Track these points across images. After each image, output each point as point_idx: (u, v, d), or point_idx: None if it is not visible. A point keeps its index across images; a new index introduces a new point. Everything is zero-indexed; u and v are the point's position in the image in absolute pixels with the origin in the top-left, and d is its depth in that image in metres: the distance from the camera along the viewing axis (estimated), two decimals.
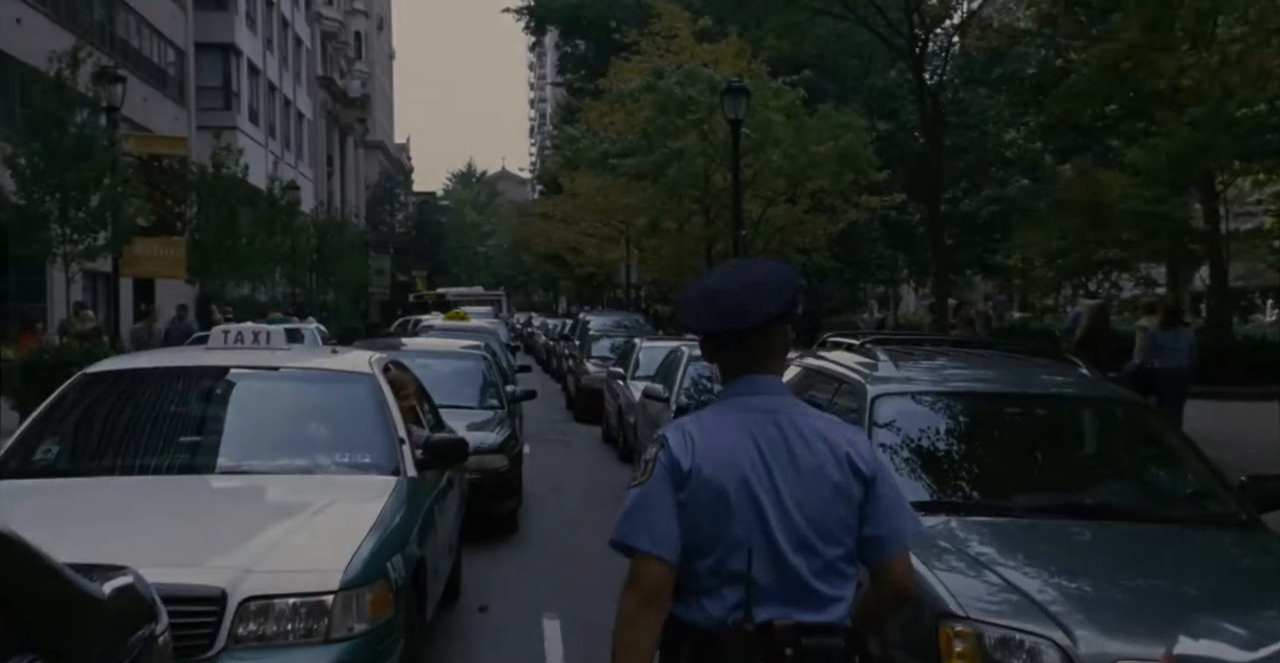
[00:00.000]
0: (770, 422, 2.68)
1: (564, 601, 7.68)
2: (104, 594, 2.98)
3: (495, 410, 10.58)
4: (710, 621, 2.60)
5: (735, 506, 2.60)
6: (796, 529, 2.61)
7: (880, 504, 2.67)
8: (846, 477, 2.65)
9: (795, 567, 2.61)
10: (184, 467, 5.55)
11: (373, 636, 4.47)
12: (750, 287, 2.68)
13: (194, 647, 4.18)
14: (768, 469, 2.63)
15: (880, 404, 5.50)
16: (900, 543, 2.70)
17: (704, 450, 2.64)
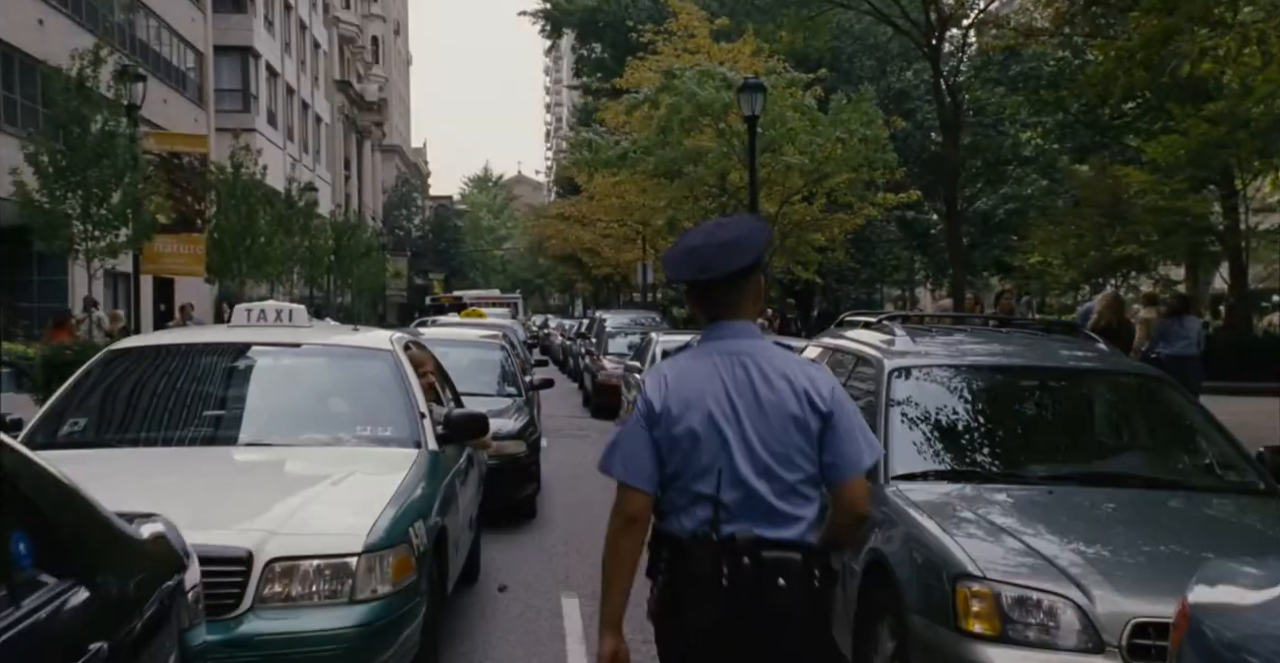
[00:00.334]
0: (738, 363, 3.07)
1: (582, 580, 7.72)
2: (138, 535, 3.04)
3: (513, 398, 10.64)
4: (684, 533, 3.01)
5: (703, 439, 3.00)
6: (759, 457, 2.99)
7: (837, 435, 3.03)
8: (804, 411, 3.01)
9: (758, 489, 2.98)
10: (207, 439, 5.62)
11: (396, 598, 4.52)
12: (728, 242, 3.06)
13: (222, 606, 4.24)
14: (733, 405, 3.02)
15: (898, 378, 5.53)
16: (854, 469, 3.05)
17: (675, 392, 3.05)
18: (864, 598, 4.88)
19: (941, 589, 4.20)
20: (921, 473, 5.09)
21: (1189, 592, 3.12)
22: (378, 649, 4.43)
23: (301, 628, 4.28)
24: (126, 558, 2.88)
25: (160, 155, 21.73)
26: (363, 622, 4.36)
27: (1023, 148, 31.35)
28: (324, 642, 4.28)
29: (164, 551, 3.20)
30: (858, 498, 3.09)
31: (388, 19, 79.61)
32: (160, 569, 3.09)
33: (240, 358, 6.14)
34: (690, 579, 2.98)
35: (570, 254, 47.43)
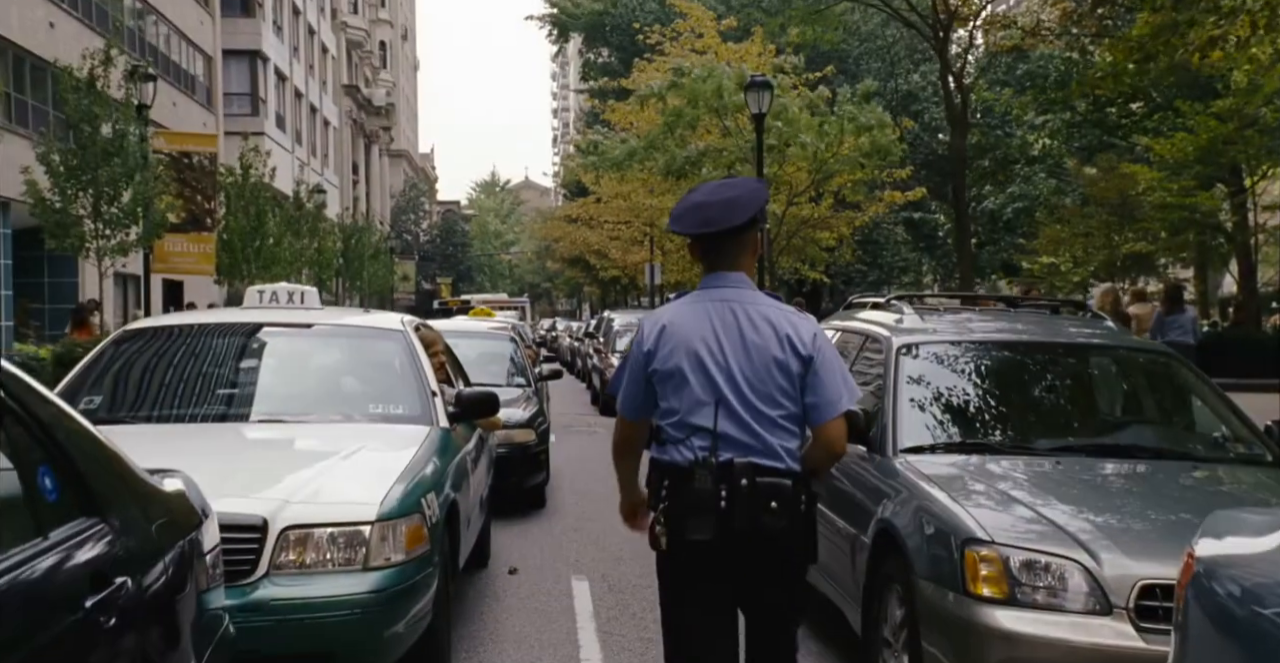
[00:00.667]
0: (728, 309, 3.39)
1: (592, 564, 7.76)
2: (159, 486, 3.09)
3: (523, 388, 10.68)
4: (685, 461, 3.30)
5: (689, 377, 3.33)
6: (745, 395, 3.32)
7: (819, 378, 3.35)
8: (786, 354, 3.33)
9: (749, 423, 3.31)
10: (221, 416, 5.67)
11: (409, 567, 4.56)
12: (729, 200, 3.39)
13: (237, 572, 4.28)
14: (721, 347, 3.35)
15: (905, 354, 5.57)
16: (833, 410, 3.37)
17: (669, 335, 3.38)
18: (872, 569, 4.91)
19: (950, 555, 4.24)
20: (929, 446, 5.13)
21: (1194, 544, 3.14)
22: (390, 617, 4.47)
23: (315, 594, 4.32)
24: (148, 504, 2.93)
25: (170, 155, 21.83)
26: (376, 589, 4.41)
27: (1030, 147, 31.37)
28: (337, 607, 4.32)
29: (184, 505, 3.25)
30: (836, 437, 3.41)
31: (395, 24, 79.85)
32: (180, 520, 3.14)
33: (252, 337, 6.19)
34: (692, 500, 3.26)
35: (578, 257, 47.47)
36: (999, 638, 4.00)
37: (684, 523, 3.26)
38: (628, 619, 6.36)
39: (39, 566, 2.26)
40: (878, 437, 5.24)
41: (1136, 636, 3.88)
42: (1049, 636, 3.95)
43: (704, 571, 3.33)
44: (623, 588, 7.06)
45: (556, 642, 5.94)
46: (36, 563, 2.25)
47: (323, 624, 4.30)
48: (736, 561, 3.30)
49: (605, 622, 6.33)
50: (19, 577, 2.17)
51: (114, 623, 2.45)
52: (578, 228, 41.67)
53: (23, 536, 2.30)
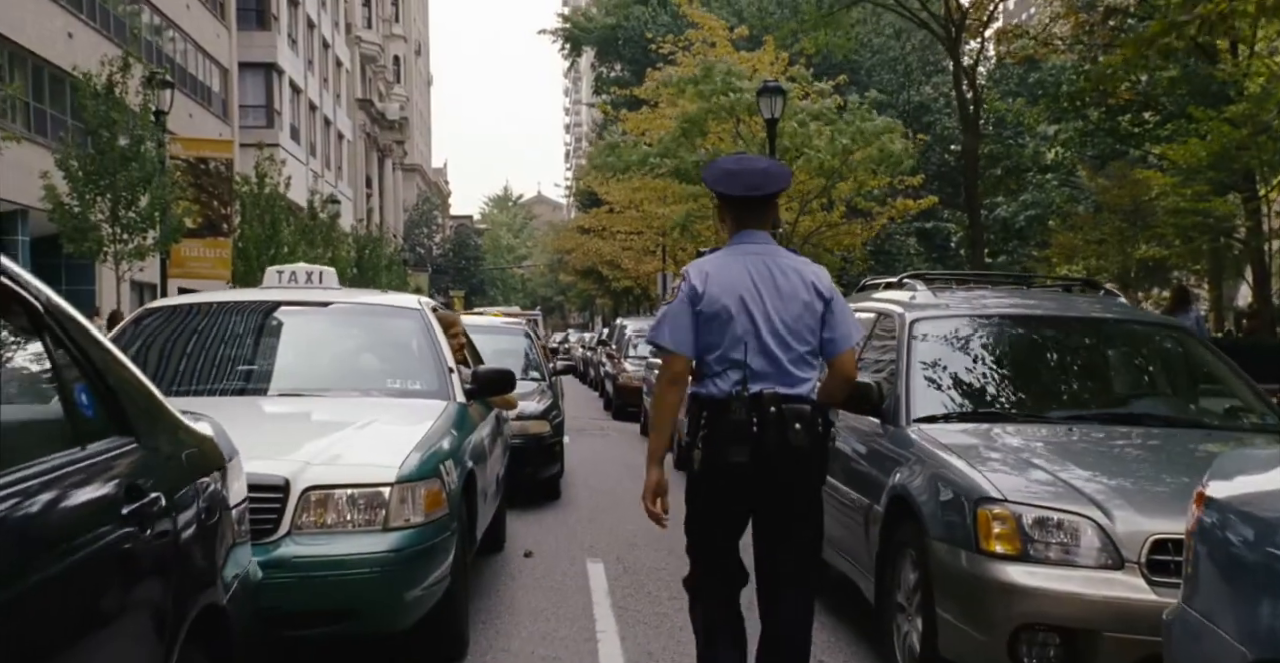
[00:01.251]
0: (760, 261, 3.91)
1: (606, 548, 7.81)
2: (187, 420, 3.15)
3: (538, 382, 10.75)
4: (721, 392, 3.81)
5: (735, 316, 3.82)
6: (777, 332, 3.84)
7: (835, 317, 3.93)
8: (811, 297, 3.90)
9: (778, 356, 3.83)
10: (240, 390, 5.74)
11: (428, 528, 4.62)
12: (763, 170, 4.01)
13: (261, 530, 4.34)
14: (758, 292, 3.85)
15: (919, 328, 5.62)
16: (847, 342, 3.95)
17: (714, 280, 3.86)
18: (886, 537, 4.96)
19: (964, 515, 4.28)
20: (943, 415, 5.17)
21: (1204, 483, 3.18)
22: (410, 577, 4.53)
23: (336, 552, 4.39)
24: (177, 434, 2.99)
25: (186, 161, 22.01)
26: (395, 548, 4.46)
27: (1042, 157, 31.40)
28: (357, 565, 4.38)
29: (212, 445, 3.31)
30: (849, 364, 4.01)
31: (409, 39, 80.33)
32: (209, 455, 3.20)
33: (272, 315, 6.27)
34: (729, 426, 3.77)
35: (591, 268, 47.62)
36: (1011, 593, 4.04)
37: (724, 449, 3.77)
38: (643, 597, 6.40)
39: (79, 471, 2.33)
40: (891, 408, 5.29)
41: (1149, 589, 3.92)
42: (1061, 589, 3.99)
43: (735, 490, 3.86)
44: (637, 570, 7.10)
45: (573, 616, 5.98)
46: (77, 468, 2.33)
47: (343, 581, 4.36)
48: (765, 477, 3.81)
49: (621, 599, 6.37)
50: (63, 478, 2.25)
51: (149, 534, 2.51)
52: (590, 239, 41.81)
53: (63, 445, 2.38)
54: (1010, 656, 4.05)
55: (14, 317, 2.37)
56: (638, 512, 5.85)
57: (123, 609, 2.37)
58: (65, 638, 2.13)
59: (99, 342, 2.69)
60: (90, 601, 2.25)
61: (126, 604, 2.40)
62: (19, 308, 2.38)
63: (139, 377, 2.86)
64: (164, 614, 2.55)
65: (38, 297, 2.45)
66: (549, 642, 5.50)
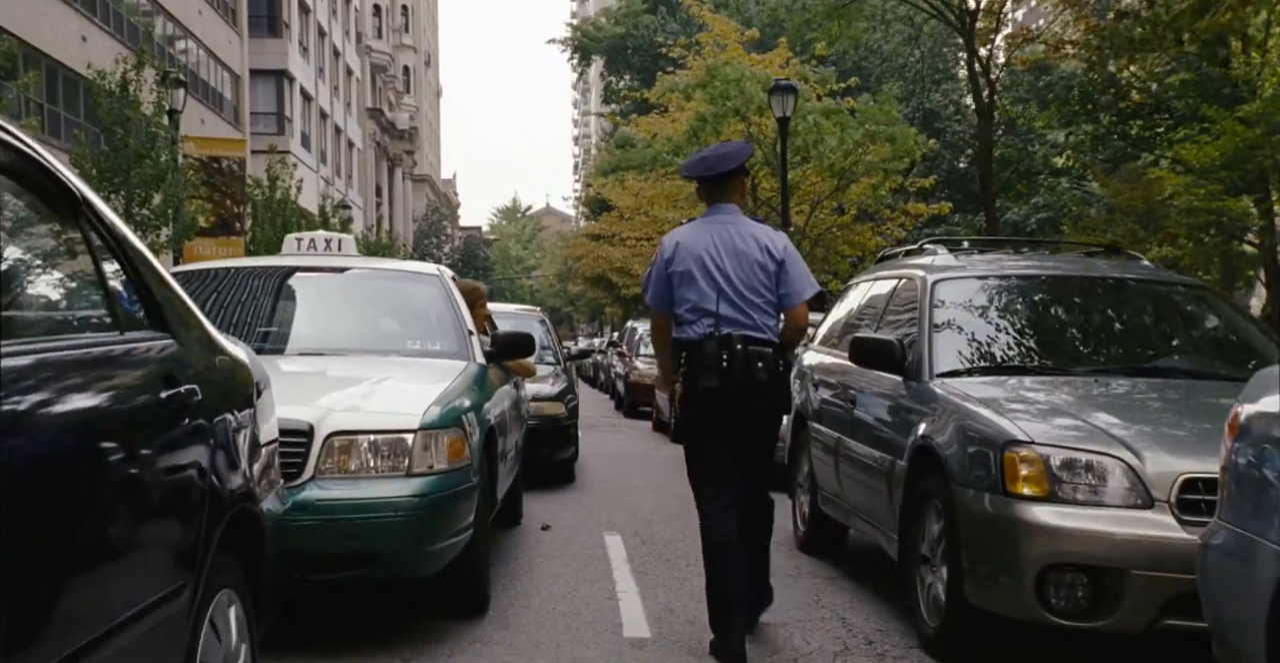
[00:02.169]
0: (724, 228, 4.70)
1: (623, 523, 7.79)
2: (222, 340, 3.14)
3: (552, 366, 10.75)
4: (696, 336, 4.62)
5: (699, 276, 4.62)
6: (737, 287, 4.60)
7: (788, 275, 4.67)
8: (765, 258, 4.64)
9: (740, 307, 4.59)
10: (259, 350, 5.72)
11: (451, 476, 4.61)
12: (723, 154, 4.85)
13: (285, 475, 4.33)
14: (719, 252, 4.63)
15: (940, 288, 5.60)
16: (799, 298, 4.69)
17: (682, 246, 4.69)
18: (909, 491, 4.93)
19: (990, 460, 4.26)
20: (966, 370, 5.15)
21: (1239, 404, 3.16)
22: (432, 523, 4.52)
23: (359, 495, 4.38)
24: (210, 342, 2.98)
25: (199, 159, 22.07)
26: (418, 493, 4.45)
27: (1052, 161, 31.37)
28: (381, 509, 4.38)
29: (245, 370, 3.29)
30: (801, 316, 4.75)
31: (419, 50, 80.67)
32: (240, 371, 3.19)
33: (291, 280, 6.27)
34: (702, 363, 4.56)
35: (600, 275, 47.54)
36: (1039, 533, 4.02)
37: (698, 377, 4.57)
38: (662, 565, 6.38)
39: (121, 353, 2.33)
40: (914, 364, 5.27)
41: (1179, 527, 3.90)
42: (1090, 528, 3.97)
43: (711, 410, 4.63)
44: (655, 542, 7.08)
45: (593, 579, 5.97)
46: (119, 349, 2.33)
47: (366, 525, 4.36)
48: (733, 403, 4.58)
49: (640, 565, 6.35)
50: (106, 356, 2.25)
51: (186, 424, 2.50)
52: (600, 245, 41.80)
53: (103, 330, 2.38)
54: (1038, 597, 4.03)
55: (56, 201, 2.36)
56: (653, 495, 5.89)
57: (161, 489, 2.35)
58: (107, 505, 2.12)
59: (133, 241, 2.69)
60: (131, 473, 2.23)
61: (165, 484, 2.38)
62: (60, 194, 2.38)
63: (176, 288, 2.86)
64: (199, 507, 2.53)
65: (76, 187, 2.45)
66: (570, 600, 5.48)
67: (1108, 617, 3.95)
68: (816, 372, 6.98)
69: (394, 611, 5.19)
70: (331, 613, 5.16)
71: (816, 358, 7.23)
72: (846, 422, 6.06)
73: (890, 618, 5.22)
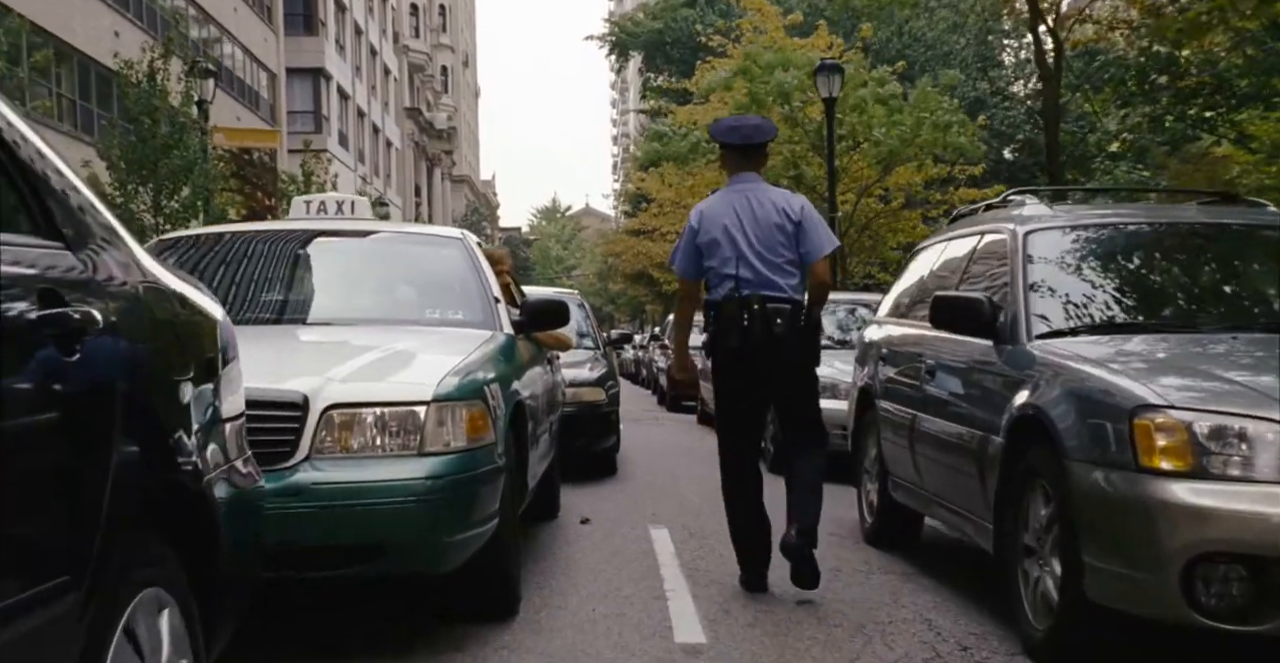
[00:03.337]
0: (743, 196, 4.94)
1: (670, 515, 7.11)
2: (174, 280, 2.48)
3: (591, 350, 10.07)
4: (720, 297, 4.87)
5: (722, 242, 4.86)
6: (756, 249, 4.83)
7: (806, 234, 4.88)
8: (781, 220, 4.87)
9: (759, 269, 4.82)
10: (264, 320, 5.09)
11: (471, 456, 3.95)
12: (755, 125, 5.18)
13: (276, 455, 3.70)
14: (739, 219, 4.87)
15: (1034, 241, 4.87)
16: (819, 253, 4.91)
17: (707, 216, 4.95)
18: (1007, 471, 4.21)
19: (1115, 429, 3.53)
20: (1070, 329, 4.42)
21: None
22: (448, 510, 3.85)
23: (362, 478, 3.72)
24: (139, 268, 2.31)
25: (230, 151, 21.63)
26: (432, 474, 3.79)
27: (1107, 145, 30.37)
28: (388, 493, 3.71)
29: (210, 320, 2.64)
30: (822, 270, 5.00)
31: (456, 50, 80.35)
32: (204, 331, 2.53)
33: (301, 244, 5.61)
34: (725, 322, 4.84)
35: (641, 272, 46.97)
36: (1185, 517, 3.28)
37: (722, 336, 4.85)
38: (714, 560, 5.68)
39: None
40: (1007, 326, 4.55)
41: None
42: (1249, 510, 3.24)
43: (734, 364, 4.92)
44: (705, 535, 6.38)
45: (637, 576, 5.28)
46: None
47: (370, 511, 3.69)
48: (755, 359, 4.84)
49: (690, 561, 5.66)
50: None
51: (75, 360, 1.84)
52: (640, 241, 41.20)
53: None
54: (1184, 594, 3.29)
55: None
56: (700, 487, 5.56)
57: (19, 442, 1.68)
58: None
59: (21, 129, 2.03)
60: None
61: (26, 437, 1.71)
62: None
63: (82, 187, 2.20)
64: (95, 478, 1.86)
65: None
66: (612, 599, 4.79)
67: (1275, 619, 3.21)
68: (884, 345, 6.26)
69: (407, 612, 4.53)
70: (332, 614, 4.51)
71: (882, 331, 6.51)
72: (923, 397, 5.34)
73: (985, 620, 4.50)
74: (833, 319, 11.62)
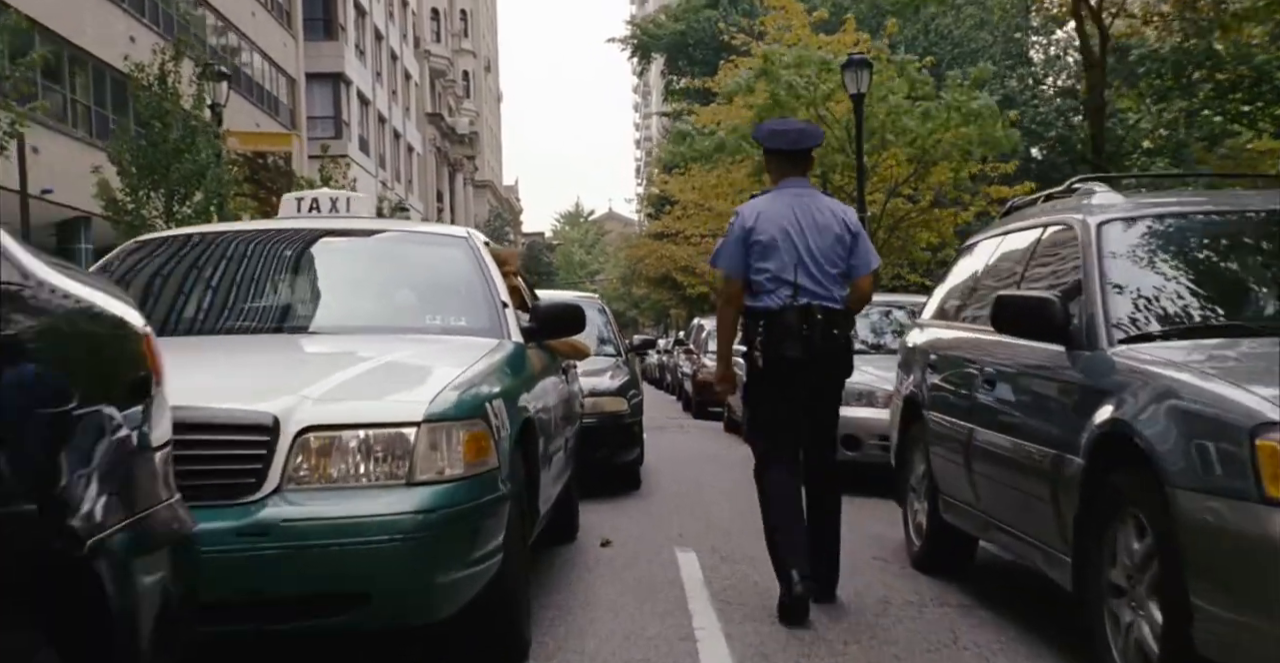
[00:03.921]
0: (801, 201, 4.81)
1: (698, 537, 6.55)
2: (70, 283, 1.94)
3: (612, 358, 9.53)
4: (775, 305, 4.68)
5: (781, 246, 4.70)
6: (815, 257, 4.71)
7: (859, 248, 4.82)
8: (842, 231, 4.79)
9: (817, 277, 4.70)
10: (242, 330, 4.58)
11: (469, 485, 3.41)
12: (802, 129, 5.06)
13: (240, 486, 3.18)
14: (800, 225, 4.74)
15: (1108, 233, 4.30)
16: (867, 268, 4.85)
17: (764, 216, 4.75)
18: (1089, 496, 3.64)
19: (1231, 451, 2.96)
20: (1160, 332, 3.85)
21: None
22: (443, 549, 3.32)
23: (341, 513, 3.19)
24: None
25: (244, 155, 21.22)
26: (423, 508, 3.26)
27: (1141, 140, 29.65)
28: (372, 531, 3.18)
29: (127, 330, 2.12)
30: (867, 285, 4.88)
31: (478, 55, 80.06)
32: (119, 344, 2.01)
33: (285, 245, 5.08)
34: (783, 331, 4.65)
35: (665, 275, 46.41)
36: None
37: (781, 345, 4.65)
38: (748, 589, 5.13)
39: None
40: (1081, 329, 3.98)
41: None
42: None
43: (790, 378, 4.71)
44: (738, 559, 5.83)
45: (663, 611, 4.72)
46: None
47: (351, 554, 3.16)
48: (812, 371, 4.70)
49: (721, 591, 5.10)
50: None
51: None
52: (663, 244, 40.66)
53: None
54: None
55: None
56: (731, 501, 5.12)
57: None
58: None
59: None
60: None
61: None
62: None
63: None
64: None
65: None
66: (634, 642, 4.24)
67: None
68: (931, 350, 5.70)
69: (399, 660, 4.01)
70: None
71: (930, 334, 5.95)
72: (981, 408, 4.77)
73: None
74: (866, 322, 11.08)
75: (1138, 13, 24.86)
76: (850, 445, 8.63)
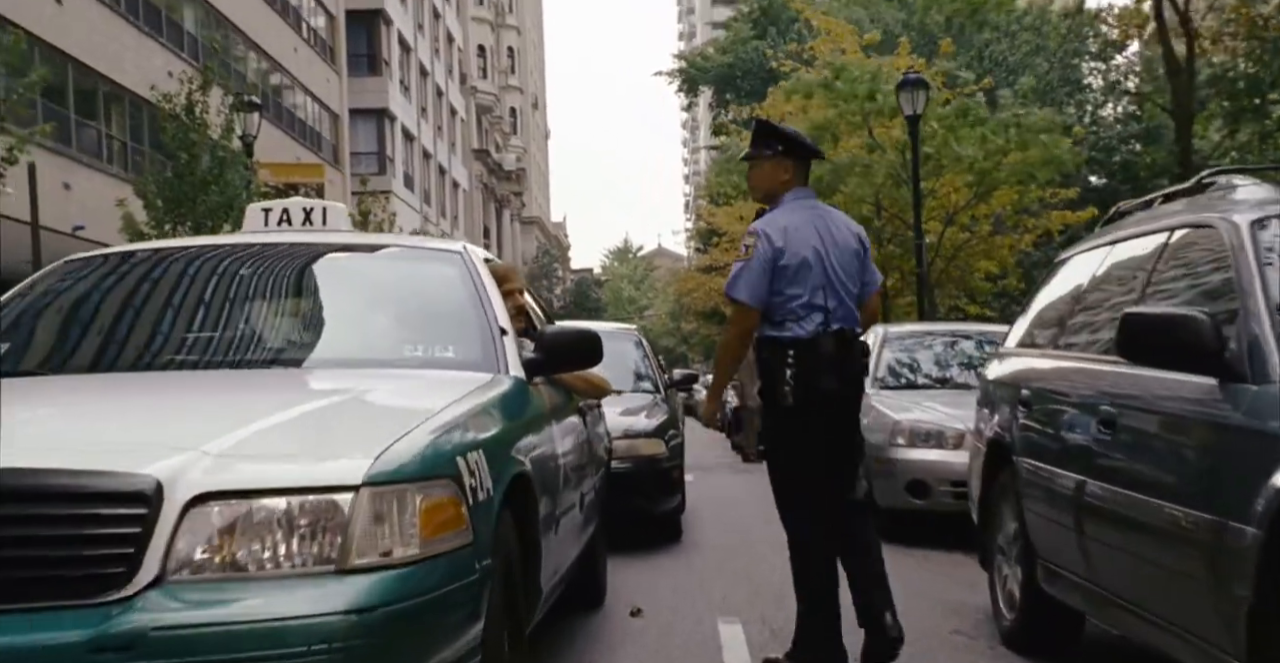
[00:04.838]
0: (818, 215, 4.53)
1: (745, 605, 5.61)
2: None
3: (650, 395, 8.62)
4: (807, 333, 4.31)
5: (813, 266, 4.37)
6: (842, 279, 4.44)
7: (868, 265, 4.61)
8: (858, 248, 4.57)
9: (845, 299, 4.44)
10: (178, 364, 3.73)
11: (429, 568, 2.52)
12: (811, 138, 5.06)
13: (98, 578, 2.31)
14: (824, 244, 4.43)
15: (1265, 234, 3.37)
16: (876, 286, 4.66)
17: (791, 236, 4.38)
18: (1267, 577, 2.70)
19: None
20: None
21: None
22: (394, 661, 2.42)
23: (245, 616, 2.30)
24: None
25: (276, 187, 20.65)
26: (360, 605, 2.36)
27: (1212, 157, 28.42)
28: (289, 640, 2.28)
29: None
30: (877, 305, 4.77)
31: (525, 91, 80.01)
32: None
33: (250, 264, 4.24)
34: (821, 359, 4.28)
35: (713, 309, 45.59)
36: None
37: (818, 379, 4.25)
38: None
39: None
40: (1240, 356, 3.04)
41: None
42: None
43: (827, 414, 4.29)
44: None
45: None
46: None
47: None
48: (843, 394, 4.36)
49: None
50: None
51: None
52: (711, 277, 39.88)
53: None
54: None
55: None
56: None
57: None
58: None
59: None
60: None
61: None
62: None
63: None
64: None
65: None
66: None
67: None
68: (1023, 384, 4.77)
69: None
70: None
71: (1018, 365, 5.03)
72: (1098, 456, 3.83)
73: None
74: (930, 354, 10.14)
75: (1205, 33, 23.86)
76: (918, 492, 7.69)
